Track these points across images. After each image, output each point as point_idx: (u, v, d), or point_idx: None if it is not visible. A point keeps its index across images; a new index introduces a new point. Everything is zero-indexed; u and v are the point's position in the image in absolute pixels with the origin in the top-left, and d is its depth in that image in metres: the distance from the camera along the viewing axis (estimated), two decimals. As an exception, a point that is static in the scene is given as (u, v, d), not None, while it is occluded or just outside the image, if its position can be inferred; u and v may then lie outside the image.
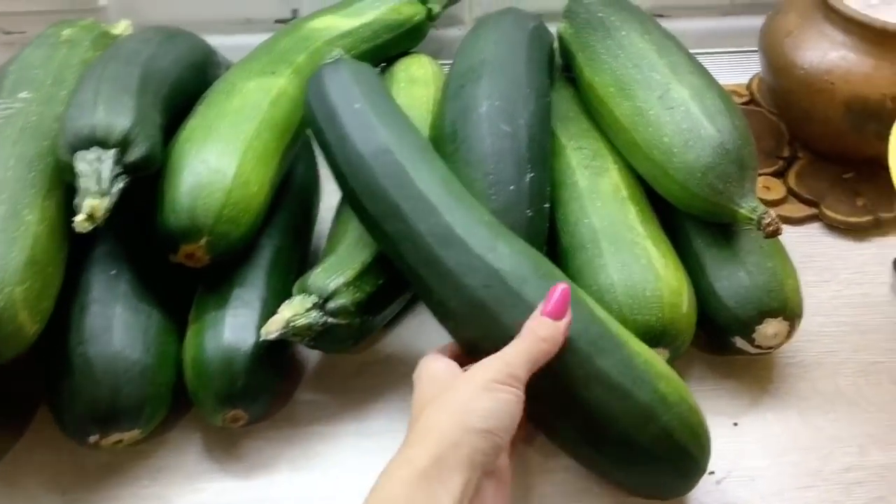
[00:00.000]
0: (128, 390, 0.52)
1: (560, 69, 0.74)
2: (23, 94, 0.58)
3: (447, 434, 0.41)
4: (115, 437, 0.53)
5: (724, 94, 0.59)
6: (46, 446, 0.56)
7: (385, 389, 0.60)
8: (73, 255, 0.55)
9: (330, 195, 0.67)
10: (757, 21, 0.76)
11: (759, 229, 0.54)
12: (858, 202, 0.69)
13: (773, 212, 0.54)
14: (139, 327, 0.54)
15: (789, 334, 0.56)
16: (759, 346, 0.56)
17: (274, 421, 0.58)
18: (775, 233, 0.53)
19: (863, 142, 0.67)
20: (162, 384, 0.54)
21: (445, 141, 0.62)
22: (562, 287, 0.46)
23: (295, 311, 0.53)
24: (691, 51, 0.65)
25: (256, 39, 0.73)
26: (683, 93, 0.58)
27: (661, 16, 0.80)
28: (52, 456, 0.56)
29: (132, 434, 0.53)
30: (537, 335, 0.45)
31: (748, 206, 0.55)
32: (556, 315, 0.45)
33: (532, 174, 0.60)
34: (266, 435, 0.58)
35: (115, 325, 0.53)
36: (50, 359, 0.54)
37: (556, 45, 0.73)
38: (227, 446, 0.57)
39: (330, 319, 0.54)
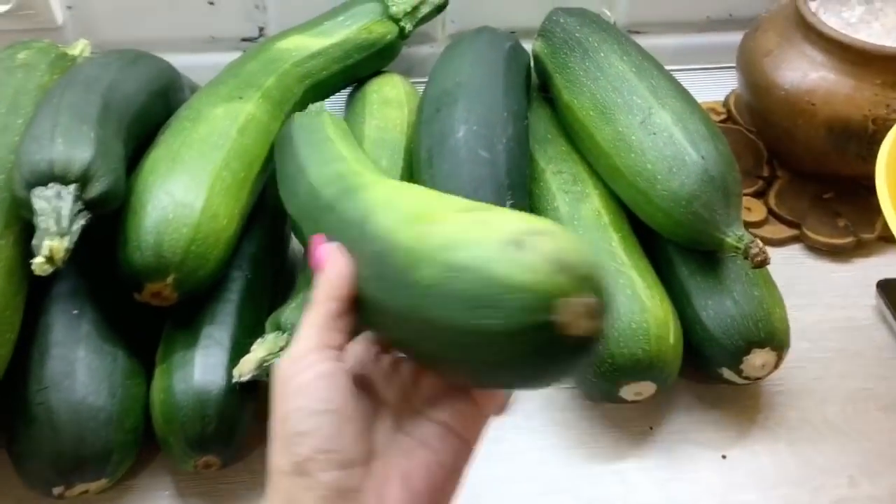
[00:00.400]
0: (93, 440, 0.49)
1: (536, 88, 0.72)
2: (-24, 124, 0.55)
3: (281, 488, 0.33)
4: (80, 487, 0.50)
5: (706, 118, 0.58)
6: (7, 495, 0.53)
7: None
8: (31, 293, 0.52)
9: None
10: (733, 37, 0.75)
11: (745, 258, 0.53)
12: (840, 223, 0.69)
13: (760, 241, 0.53)
14: (104, 371, 0.51)
15: (777, 364, 0.55)
16: (746, 377, 0.55)
17: (248, 462, 0.56)
18: (763, 263, 0.52)
19: (844, 162, 0.66)
20: (129, 430, 0.51)
21: (421, 168, 0.61)
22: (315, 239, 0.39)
23: (269, 349, 0.51)
24: (667, 67, 0.64)
25: (222, 58, 0.70)
26: (666, 117, 0.57)
27: (637, 32, 0.79)
28: (13, 505, 0.53)
29: (99, 484, 0.51)
30: (315, 297, 0.36)
31: (734, 235, 0.53)
32: (317, 267, 0.38)
33: (512, 201, 0.58)
34: (241, 478, 0.55)
35: (78, 370, 0.51)
36: (9, 405, 0.51)
37: (531, 63, 0.72)
38: (200, 491, 0.55)
39: (305, 358, 0.51)
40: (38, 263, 0.46)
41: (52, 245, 0.46)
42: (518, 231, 0.30)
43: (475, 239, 0.30)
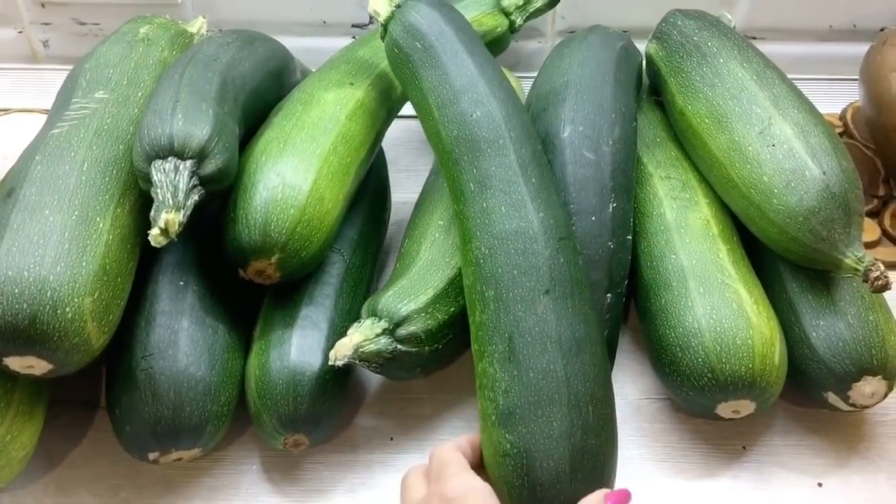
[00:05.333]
0: (191, 409, 0.50)
1: (647, 90, 0.70)
2: (99, 94, 0.56)
3: None
4: (175, 455, 0.51)
5: (830, 132, 0.55)
6: (103, 456, 0.55)
7: (452, 419, 0.58)
8: (141, 261, 0.54)
9: (396, 208, 0.66)
10: (854, 48, 0.72)
11: (864, 282, 0.50)
12: (960, 250, 0.65)
13: (881, 264, 0.50)
14: (205, 343, 0.52)
15: (886, 394, 0.53)
16: (853, 404, 0.53)
17: (334, 445, 0.56)
18: (883, 287, 0.50)
19: (970, 187, 0.62)
20: (224, 403, 0.52)
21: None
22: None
23: (364, 335, 0.51)
24: (783, 76, 0.61)
25: (332, 43, 0.71)
26: (786, 129, 0.55)
27: (753, 38, 0.77)
28: (108, 466, 0.55)
29: (192, 453, 0.52)
30: None
31: (854, 256, 0.51)
32: None
33: (615, 204, 0.57)
34: (326, 459, 0.56)
35: (181, 340, 0.52)
36: (113, 368, 0.53)
37: (643, 64, 0.70)
38: (285, 468, 0.55)
39: (399, 346, 0.51)
40: (154, 235, 0.47)
41: (168, 218, 0.47)
42: None
43: None
